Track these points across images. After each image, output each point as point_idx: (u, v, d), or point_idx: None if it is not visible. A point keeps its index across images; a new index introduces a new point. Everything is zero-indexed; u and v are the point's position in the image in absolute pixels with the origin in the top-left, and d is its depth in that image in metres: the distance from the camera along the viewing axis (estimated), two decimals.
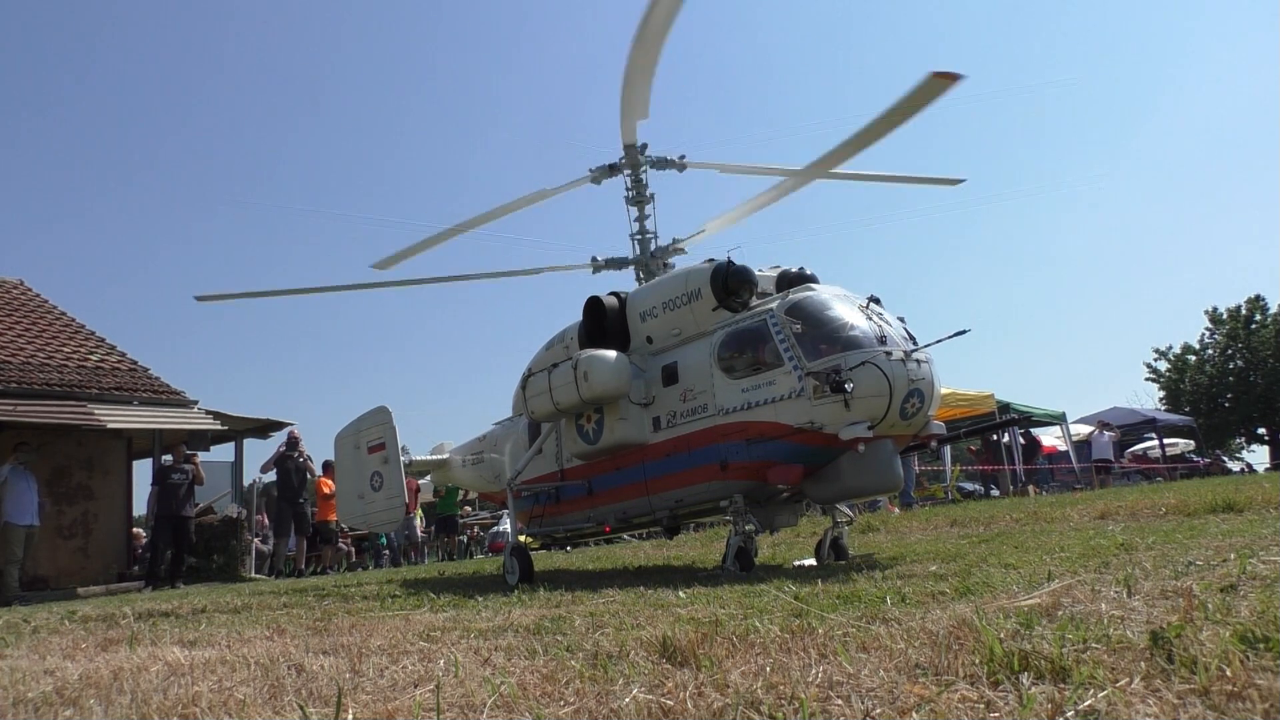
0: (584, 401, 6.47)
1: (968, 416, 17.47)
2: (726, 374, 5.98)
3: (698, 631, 2.75)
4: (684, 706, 1.93)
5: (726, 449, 5.89)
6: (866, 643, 2.42)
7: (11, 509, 11.46)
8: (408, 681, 2.50)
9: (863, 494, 6.01)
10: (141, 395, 14.57)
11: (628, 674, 2.30)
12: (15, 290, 16.61)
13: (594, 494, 6.93)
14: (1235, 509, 7.04)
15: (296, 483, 14.50)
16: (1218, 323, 40.54)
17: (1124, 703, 1.65)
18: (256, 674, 2.81)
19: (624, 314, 6.88)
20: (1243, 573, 3.08)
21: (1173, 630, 2.02)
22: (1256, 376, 38.12)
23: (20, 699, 2.74)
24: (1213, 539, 4.73)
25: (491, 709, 2.09)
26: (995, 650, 2.01)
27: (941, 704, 1.76)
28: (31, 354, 14.31)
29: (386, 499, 8.09)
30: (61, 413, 12.85)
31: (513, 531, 7.48)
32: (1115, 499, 9.53)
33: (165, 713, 2.37)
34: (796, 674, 2.10)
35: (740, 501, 5.92)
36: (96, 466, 14.29)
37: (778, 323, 5.75)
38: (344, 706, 2.20)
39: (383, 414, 8.25)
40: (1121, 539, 5.25)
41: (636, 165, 7.79)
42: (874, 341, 5.50)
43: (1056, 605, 2.73)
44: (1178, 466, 24.76)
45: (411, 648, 3.19)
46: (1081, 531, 6.55)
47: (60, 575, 13.32)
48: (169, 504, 12.71)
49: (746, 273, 6.25)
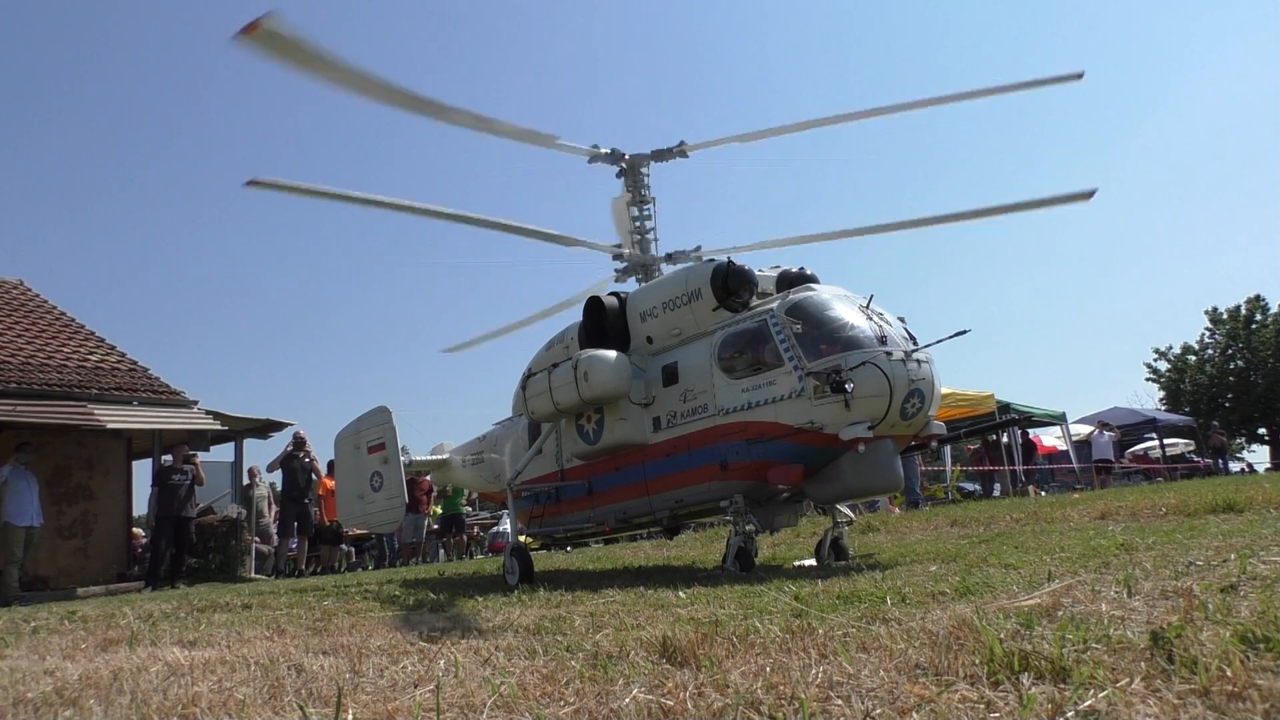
0: (584, 401, 6.47)
1: (968, 416, 17.45)
2: (727, 374, 5.97)
3: (698, 632, 2.75)
4: (684, 706, 1.93)
5: (727, 449, 5.89)
6: (866, 643, 2.42)
7: (11, 509, 11.46)
8: (408, 681, 2.50)
9: (863, 494, 6.01)
10: (141, 395, 14.58)
11: (628, 674, 2.30)
12: (15, 290, 16.61)
13: (594, 494, 6.93)
14: (1235, 509, 7.04)
15: (303, 482, 14.54)
16: (1218, 323, 40.52)
17: (1124, 703, 1.65)
18: (256, 674, 2.81)
19: (624, 314, 6.88)
20: (1243, 573, 3.08)
21: (1173, 630, 2.02)
22: (1256, 376, 38.11)
23: (20, 699, 2.74)
24: (1213, 539, 4.72)
25: (491, 709, 2.09)
26: (995, 650, 2.01)
27: (941, 704, 1.76)
28: (31, 354, 14.30)
29: (386, 499, 8.09)
30: (61, 413, 12.85)
31: (513, 531, 7.47)
32: (1115, 499, 9.53)
33: (165, 713, 2.37)
34: (796, 674, 2.10)
35: (740, 501, 5.92)
36: (96, 466, 14.30)
37: (778, 323, 5.74)
38: (344, 706, 2.20)
39: (383, 414, 8.25)
40: (1122, 539, 5.24)
41: (637, 165, 7.79)
42: (874, 341, 5.50)
43: (1057, 605, 2.72)
44: (1178, 466, 24.75)
45: (411, 648, 3.19)
46: (1082, 532, 6.55)
47: (60, 575, 13.32)
48: (170, 504, 12.70)
49: (746, 273, 6.25)
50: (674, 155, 7.82)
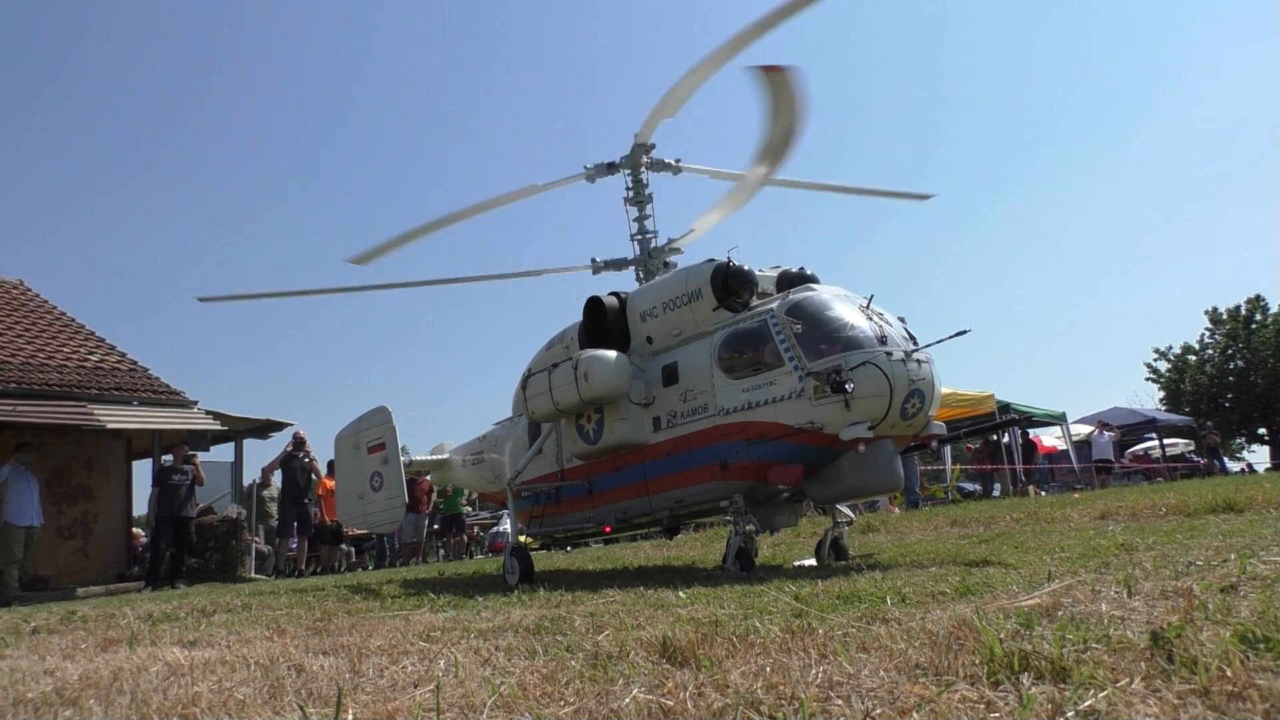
0: (584, 401, 6.47)
1: (968, 416, 17.46)
2: (727, 374, 5.98)
3: (698, 632, 2.75)
4: (684, 707, 1.93)
5: (727, 449, 5.89)
6: (866, 643, 2.42)
7: (12, 509, 11.46)
8: (408, 682, 2.50)
9: (863, 494, 6.01)
10: (141, 395, 14.58)
11: (628, 674, 2.30)
12: (15, 290, 16.62)
13: (594, 494, 6.94)
14: (1235, 509, 7.04)
15: (303, 483, 14.57)
16: (1218, 323, 40.53)
17: (1124, 703, 1.65)
18: (256, 674, 2.81)
19: (624, 314, 6.88)
20: (1243, 573, 3.08)
21: (1173, 630, 2.02)
22: (1257, 376, 38.11)
23: (20, 699, 2.74)
24: (1213, 539, 4.73)
25: (491, 709, 2.09)
26: (995, 650, 2.01)
27: (941, 704, 1.76)
28: (31, 354, 14.31)
29: (386, 499, 8.09)
30: (61, 413, 12.86)
31: (513, 531, 7.48)
32: (1115, 499, 9.53)
33: (165, 713, 2.37)
34: (796, 674, 2.10)
35: (740, 502, 5.92)
36: (96, 466, 14.30)
37: (778, 323, 5.75)
38: (344, 707, 2.20)
39: (383, 414, 8.25)
40: (1122, 539, 5.25)
41: (637, 165, 7.79)
42: (874, 342, 5.50)
43: (1057, 605, 2.72)
44: (1178, 466, 24.75)
45: (411, 648, 3.19)
46: (1082, 532, 6.55)
47: (60, 575, 13.32)
48: (170, 504, 12.71)
49: (746, 273, 6.25)
50: (668, 169, 7.87)
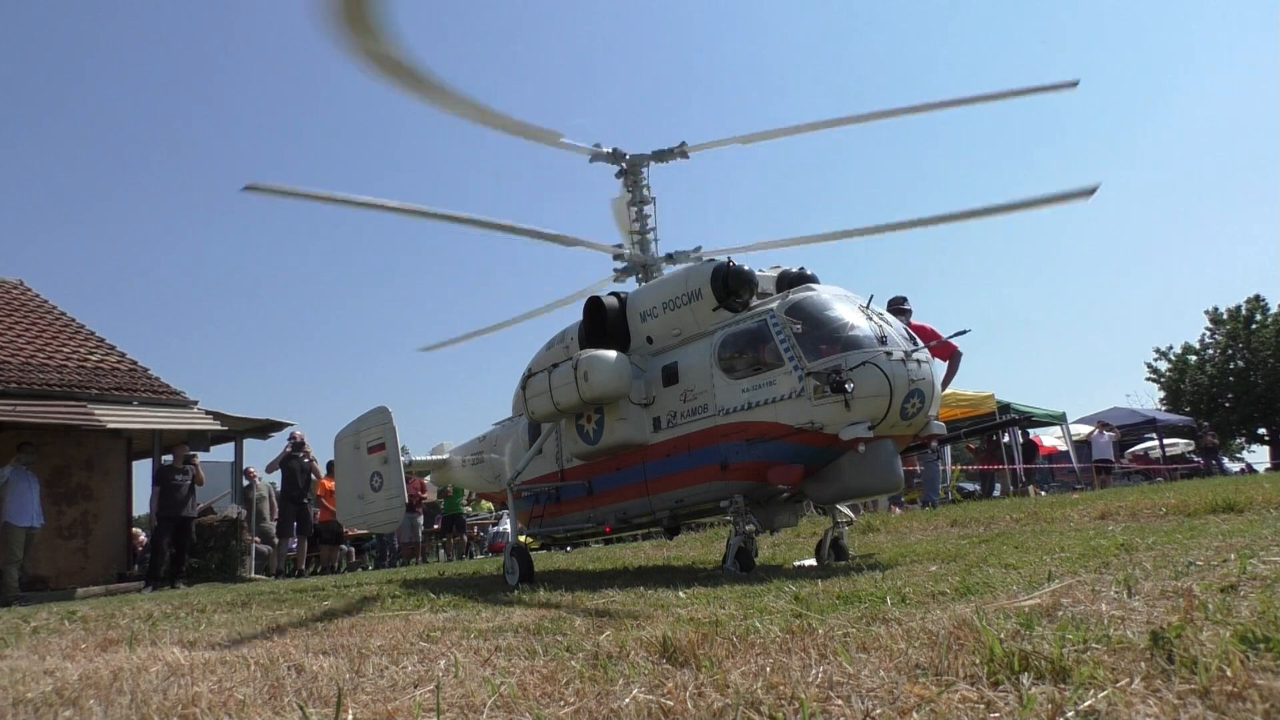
0: (584, 401, 6.47)
1: (968, 416, 17.45)
2: (727, 374, 5.97)
3: (698, 631, 2.75)
4: (684, 707, 1.93)
5: (727, 449, 5.89)
6: (866, 643, 2.42)
7: (12, 509, 11.47)
8: (408, 682, 2.50)
9: (863, 494, 6.00)
10: (141, 395, 14.58)
11: (628, 674, 2.30)
12: (15, 290, 16.62)
13: (594, 494, 6.93)
14: (1235, 509, 7.03)
15: (302, 483, 14.58)
16: (1218, 323, 40.55)
17: (1124, 703, 1.65)
18: (256, 674, 2.81)
19: (624, 314, 6.88)
20: (1243, 573, 3.08)
21: (1173, 630, 2.02)
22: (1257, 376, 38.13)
23: (20, 699, 2.74)
24: (1213, 539, 4.72)
25: (491, 709, 2.09)
26: (995, 650, 2.01)
27: (941, 704, 1.76)
28: (31, 354, 14.31)
29: (386, 499, 8.08)
30: (61, 413, 12.86)
31: (513, 531, 7.47)
32: (1115, 499, 9.52)
33: (165, 713, 2.37)
34: (796, 674, 2.10)
35: (740, 502, 5.91)
36: (96, 466, 14.30)
37: (778, 323, 5.74)
38: (344, 707, 2.20)
39: (383, 414, 8.24)
40: (1122, 539, 5.24)
41: (638, 165, 7.78)
42: (874, 341, 5.50)
43: (1057, 605, 2.72)
44: (1178, 466, 24.75)
45: (411, 648, 3.19)
46: (1082, 532, 6.55)
47: (60, 575, 13.32)
48: (170, 504, 12.71)
49: (746, 273, 6.25)
50: (675, 156, 7.79)
